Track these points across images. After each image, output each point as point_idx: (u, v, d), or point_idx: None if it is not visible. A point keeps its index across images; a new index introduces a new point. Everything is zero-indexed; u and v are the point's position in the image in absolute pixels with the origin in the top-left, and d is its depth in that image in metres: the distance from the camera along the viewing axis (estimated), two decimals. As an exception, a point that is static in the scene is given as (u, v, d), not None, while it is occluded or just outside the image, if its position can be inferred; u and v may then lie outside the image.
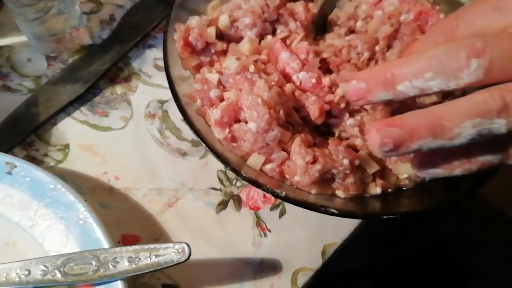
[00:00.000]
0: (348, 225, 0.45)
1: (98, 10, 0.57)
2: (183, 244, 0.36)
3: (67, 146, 0.47)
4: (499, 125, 0.28)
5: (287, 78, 0.43)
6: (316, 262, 0.43)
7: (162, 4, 0.56)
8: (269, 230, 0.44)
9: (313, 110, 0.41)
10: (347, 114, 0.42)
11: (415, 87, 0.30)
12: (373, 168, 0.41)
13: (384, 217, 0.39)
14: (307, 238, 0.44)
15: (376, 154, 0.31)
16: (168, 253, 0.36)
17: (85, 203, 0.39)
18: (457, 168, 0.32)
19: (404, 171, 0.42)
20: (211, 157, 0.47)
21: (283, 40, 0.45)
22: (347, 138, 0.43)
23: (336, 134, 0.43)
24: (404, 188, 0.43)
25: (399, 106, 0.42)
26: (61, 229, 0.39)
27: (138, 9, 0.56)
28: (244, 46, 0.45)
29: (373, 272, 0.75)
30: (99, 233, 0.38)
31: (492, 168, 0.32)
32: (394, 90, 0.31)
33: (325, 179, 0.41)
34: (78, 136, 0.48)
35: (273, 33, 0.47)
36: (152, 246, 0.36)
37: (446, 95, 0.41)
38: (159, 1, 0.56)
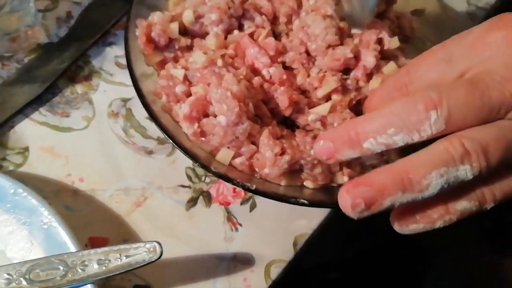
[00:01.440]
0: (318, 215, 0.45)
1: (54, 8, 0.55)
2: (154, 242, 0.35)
3: (26, 149, 0.45)
4: (464, 172, 0.29)
5: (255, 72, 0.43)
6: (288, 254, 0.43)
7: (121, 0, 0.54)
8: (240, 225, 0.44)
9: (283, 100, 0.41)
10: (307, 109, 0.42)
11: (380, 143, 0.30)
12: (340, 157, 0.42)
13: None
14: (278, 230, 0.44)
15: (350, 216, 0.31)
16: (139, 253, 0.35)
17: (49, 206, 0.37)
18: (438, 221, 0.32)
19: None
20: (178, 154, 0.46)
21: (250, 35, 0.45)
22: (312, 130, 0.43)
23: (301, 127, 0.43)
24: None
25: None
26: (25, 234, 0.37)
27: (96, 6, 0.54)
28: (210, 41, 0.44)
29: (344, 263, 0.77)
30: (65, 237, 0.37)
31: (474, 215, 0.32)
32: (360, 148, 0.31)
33: (294, 170, 0.41)
34: (38, 138, 0.46)
35: (239, 28, 0.47)
36: (122, 246, 0.35)
37: None
38: (117, -3, 0.55)
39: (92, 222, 0.42)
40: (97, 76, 0.51)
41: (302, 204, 0.38)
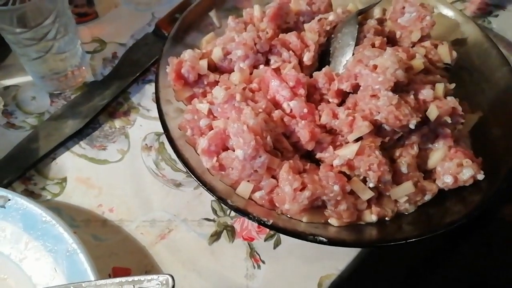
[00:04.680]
0: (346, 256, 0.43)
1: (102, 49, 0.59)
2: (167, 275, 0.35)
3: (64, 180, 0.48)
4: None
5: (277, 105, 0.43)
6: (312, 295, 0.41)
7: (162, 41, 0.57)
8: (263, 262, 0.43)
9: (304, 134, 0.40)
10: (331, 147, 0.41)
11: None
12: (367, 194, 0.40)
13: (378, 245, 0.37)
14: (303, 269, 0.42)
15: None
16: (152, 285, 0.35)
17: (74, 235, 0.39)
18: None
19: (402, 193, 0.40)
20: (205, 187, 0.46)
21: (276, 69, 0.45)
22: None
23: (326, 162, 0.41)
24: (405, 213, 0.42)
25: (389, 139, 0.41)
26: (50, 261, 0.39)
27: (138, 47, 0.58)
28: (235, 76, 0.45)
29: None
30: (87, 266, 0.38)
31: None
32: None
33: (316, 207, 0.40)
34: (76, 170, 0.48)
35: (267, 63, 0.48)
36: (136, 278, 0.35)
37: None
38: (159, 38, 0.58)
39: (117, 252, 0.43)
40: (135, 112, 0.53)
41: (321, 242, 0.36)
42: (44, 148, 0.49)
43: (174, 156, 0.49)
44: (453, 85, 0.44)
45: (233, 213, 0.45)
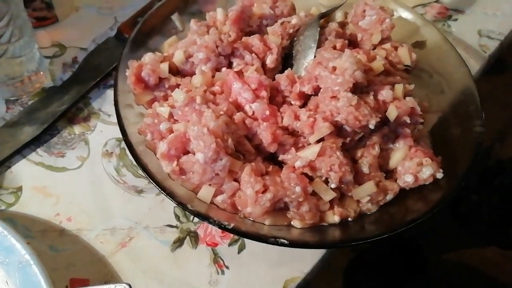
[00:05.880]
0: (311, 258, 0.42)
1: (61, 54, 0.57)
2: (124, 284, 0.34)
3: (20, 189, 0.46)
4: None
5: (239, 108, 0.43)
6: (277, 300, 0.40)
7: (124, 45, 0.56)
8: (227, 267, 0.42)
9: (266, 136, 0.40)
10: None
11: None
12: (329, 195, 0.39)
13: (340, 245, 0.37)
14: (268, 273, 0.42)
15: None
16: (109, 295, 0.34)
17: (28, 246, 0.37)
18: None
19: (364, 193, 0.40)
20: (167, 193, 0.45)
21: (239, 72, 0.45)
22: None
23: (289, 164, 0.41)
24: (368, 213, 0.42)
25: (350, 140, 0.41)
26: (1, 274, 0.37)
27: (100, 51, 0.57)
28: (197, 79, 0.45)
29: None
30: (40, 277, 0.36)
31: None
32: None
33: (279, 209, 0.39)
34: (32, 178, 0.46)
35: (230, 66, 0.47)
36: (92, 288, 0.34)
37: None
38: (121, 42, 0.57)
39: (75, 263, 0.41)
40: (96, 117, 0.52)
41: (282, 245, 0.35)
42: (-2, 156, 0.47)
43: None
44: (412, 86, 0.44)
45: (196, 219, 0.45)
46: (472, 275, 0.93)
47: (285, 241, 0.36)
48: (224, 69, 0.46)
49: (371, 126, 0.39)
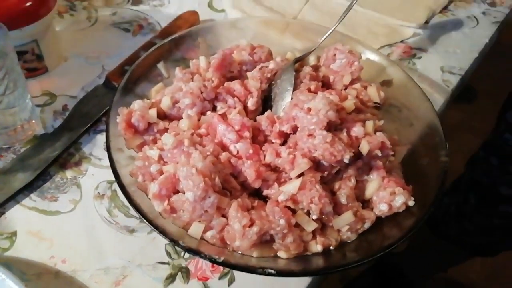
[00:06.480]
0: (299, 286, 0.45)
1: (52, 102, 0.60)
2: (122, 320, 0.35)
3: (14, 234, 0.47)
4: None
5: (224, 148, 0.46)
6: (268, 330, 0.42)
7: (113, 92, 0.59)
8: (218, 300, 0.44)
9: (250, 173, 0.43)
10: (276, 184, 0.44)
11: None
12: (311, 226, 0.42)
13: (324, 272, 0.40)
14: (257, 304, 0.44)
15: None
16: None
17: (25, 289, 0.39)
18: None
19: (343, 222, 0.43)
20: (158, 231, 0.47)
21: (223, 115, 0.49)
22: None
23: (273, 198, 0.44)
24: (348, 241, 0.45)
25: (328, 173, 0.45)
26: (0, 318, 0.38)
27: (89, 98, 0.60)
28: (184, 123, 0.48)
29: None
30: (38, 319, 0.37)
31: None
32: None
33: (265, 241, 0.42)
34: (26, 223, 0.48)
35: (214, 109, 0.51)
36: (90, 326, 0.36)
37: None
38: (109, 89, 0.60)
39: (70, 304, 0.42)
40: (87, 161, 0.54)
41: (270, 274, 0.38)
42: (-8, 203, 0.48)
43: (127, 203, 0.49)
44: (381, 122, 0.49)
45: (187, 255, 0.47)
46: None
47: (273, 271, 0.38)
48: (209, 112, 0.49)
49: (346, 161, 0.43)
